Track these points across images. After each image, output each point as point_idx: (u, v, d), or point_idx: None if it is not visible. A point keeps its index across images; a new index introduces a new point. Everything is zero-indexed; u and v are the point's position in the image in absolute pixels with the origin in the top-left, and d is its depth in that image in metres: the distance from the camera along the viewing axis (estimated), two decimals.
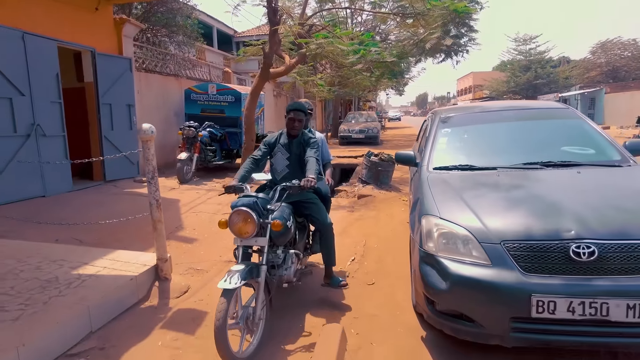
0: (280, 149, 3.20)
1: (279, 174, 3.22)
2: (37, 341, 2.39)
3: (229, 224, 2.51)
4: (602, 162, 2.95)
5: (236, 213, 2.48)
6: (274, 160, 3.23)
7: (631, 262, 2.04)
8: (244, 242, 2.56)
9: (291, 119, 3.12)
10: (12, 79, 5.31)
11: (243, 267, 2.33)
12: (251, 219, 2.47)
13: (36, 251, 3.83)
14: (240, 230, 2.50)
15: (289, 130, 3.17)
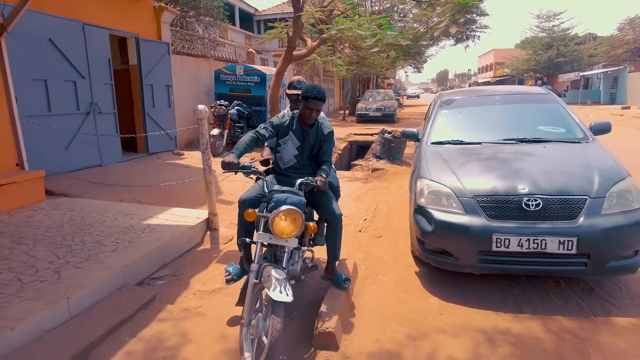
0: (292, 137, 2.86)
1: (284, 163, 2.92)
2: (132, 265, 3.30)
3: (273, 223, 2.28)
4: (566, 139, 3.64)
5: (286, 212, 2.27)
6: (281, 148, 2.89)
7: (565, 211, 2.79)
8: (273, 241, 2.35)
9: (308, 108, 2.71)
10: (76, 64, 6.19)
11: (282, 273, 2.15)
12: (300, 221, 2.29)
13: (109, 208, 4.76)
14: (283, 231, 2.28)
15: (305, 119, 2.79)
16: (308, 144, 2.89)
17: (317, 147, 2.92)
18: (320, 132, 2.90)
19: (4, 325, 2.35)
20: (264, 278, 2.12)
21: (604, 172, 3.00)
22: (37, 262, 3.23)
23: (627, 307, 2.82)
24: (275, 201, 2.35)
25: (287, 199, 2.36)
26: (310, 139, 2.89)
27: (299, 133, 2.87)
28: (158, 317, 2.85)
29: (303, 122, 2.84)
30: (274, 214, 2.27)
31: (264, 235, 2.36)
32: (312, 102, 2.69)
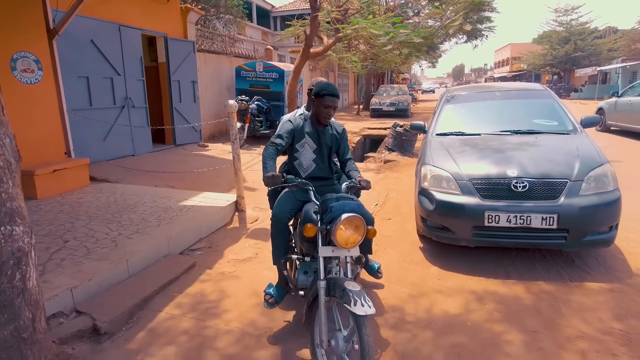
0: (308, 140, 2.69)
1: (305, 169, 2.74)
2: (174, 238, 3.85)
3: (336, 234, 2.09)
4: (557, 131, 4.06)
5: (349, 220, 2.09)
6: (299, 154, 2.70)
7: (548, 192, 3.23)
8: (336, 253, 2.17)
9: (327, 106, 2.56)
10: (113, 62, 6.79)
11: (357, 284, 2.02)
12: (363, 227, 2.14)
13: (147, 192, 5.35)
14: (348, 240, 2.12)
15: (322, 119, 2.62)
16: (325, 145, 2.73)
17: (335, 147, 2.79)
18: (334, 130, 2.79)
19: (83, 277, 2.92)
20: (338, 293, 1.97)
21: (584, 160, 3.43)
22: (95, 234, 3.82)
23: (600, 275, 3.26)
24: (334, 210, 2.15)
25: (346, 205, 2.17)
26: (327, 140, 2.74)
27: (314, 135, 2.70)
28: (199, 278, 3.40)
29: (318, 122, 2.67)
30: (337, 224, 2.08)
31: (326, 249, 2.17)
32: (329, 99, 2.55)
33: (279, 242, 2.66)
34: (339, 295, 1.98)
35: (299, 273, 2.53)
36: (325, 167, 2.80)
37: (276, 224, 2.63)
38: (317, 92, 2.59)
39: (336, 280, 2.07)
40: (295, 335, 2.60)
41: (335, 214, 2.14)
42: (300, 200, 2.63)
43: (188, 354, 2.44)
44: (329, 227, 2.15)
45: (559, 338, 2.49)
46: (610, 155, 3.81)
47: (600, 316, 2.70)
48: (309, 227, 2.15)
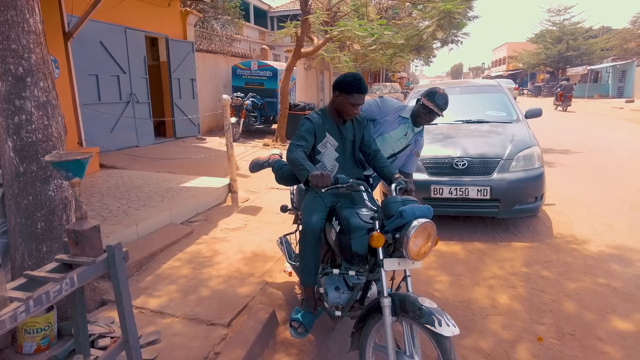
0: (329, 138, 2.40)
1: (330, 171, 2.42)
2: (176, 211, 4.56)
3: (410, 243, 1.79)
4: (502, 120, 4.77)
5: (424, 227, 1.82)
6: (321, 155, 2.42)
7: (484, 169, 3.94)
8: (402, 266, 1.93)
9: (354, 104, 2.27)
10: (119, 61, 7.48)
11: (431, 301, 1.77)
12: (435, 235, 1.89)
13: (151, 176, 6.05)
14: (420, 250, 1.85)
15: (347, 116, 2.36)
16: (348, 140, 2.44)
17: (358, 140, 2.50)
18: (355, 121, 2.48)
19: (102, 236, 3.62)
20: (412, 313, 1.73)
21: (517, 143, 4.13)
22: (109, 207, 4.53)
23: (526, 237, 3.97)
24: (406, 215, 1.85)
25: (417, 210, 1.88)
26: (349, 134, 2.45)
27: (335, 131, 2.41)
28: (196, 242, 4.11)
29: (339, 117, 2.40)
30: (411, 232, 1.79)
31: (391, 262, 1.90)
32: (358, 97, 2.25)
33: (313, 258, 2.30)
34: (415, 315, 1.71)
35: (329, 289, 2.18)
36: (351, 166, 2.48)
37: (310, 238, 2.27)
38: (345, 87, 2.27)
39: (405, 298, 1.81)
40: (272, 276, 3.30)
41: (407, 220, 1.84)
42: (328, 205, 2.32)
43: (186, 289, 3.14)
44: (397, 236, 1.87)
45: (476, 278, 3.19)
46: (571, 145, 4.50)
47: (513, 264, 3.40)
48: (377, 235, 1.84)
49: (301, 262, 2.35)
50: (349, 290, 2.16)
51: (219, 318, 2.74)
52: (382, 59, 11.12)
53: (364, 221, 2.02)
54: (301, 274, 2.38)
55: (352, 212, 2.11)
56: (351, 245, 1.99)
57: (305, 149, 2.27)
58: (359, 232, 2.00)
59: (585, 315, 2.64)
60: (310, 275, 2.31)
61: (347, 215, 2.11)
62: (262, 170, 3.15)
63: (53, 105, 2.45)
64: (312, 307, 2.37)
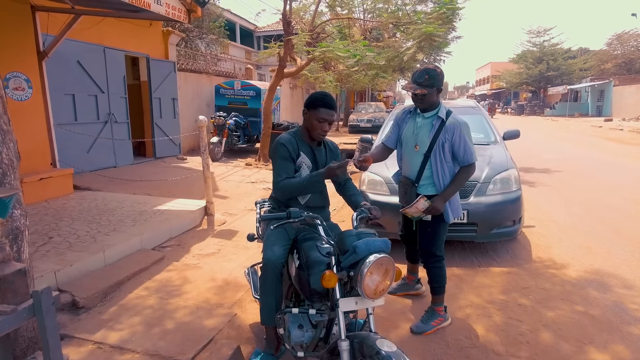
0: (305, 159, 2.31)
1: (302, 196, 2.35)
2: (147, 235, 4.40)
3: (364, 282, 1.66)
4: (480, 142, 4.75)
5: (379, 263, 1.68)
6: (298, 175, 2.31)
7: (460, 192, 3.87)
8: (360, 305, 1.78)
9: (321, 119, 2.21)
10: (97, 81, 7.37)
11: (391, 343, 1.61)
12: (393, 270, 1.73)
13: (126, 198, 5.88)
14: (377, 288, 1.71)
15: (316, 134, 2.27)
16: (321, 165, 2.35)
17: None
18: (328, 148, 2.44)
19: (65, 264, 3.45)
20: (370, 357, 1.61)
21: (494, 165, 4.11)
22: (77, 232, 4.35)
23: (505, 261, 3.91)
24: (359, 251, 1.71)
25: (372, 244, 1.73)
26: (322, 158, 2.37)
27: (309, 153, 2.34)
28: (166, 269, 3.95)
29: (310, 139, 2.33)
30: (365, 269, 1.65)
31: (348, 302, 1.76)
32: (324, 112, 2.19)
33: (273, 295, 2.17)
34: (372, 357, 1.60)
35: (291, 328, 2.00)
36: (322, 192, 2.40)
37: (271, 274, 2.14)
38: (310, 103, 2.24)
39: (364, 340, 1.67)
40: (242, 307, 3.16)
41: (361, 255, 1.71)
42: (292, 237, 2.23)
43: (150, 322, 2.98)
44: (352, 274, 1.73)
45: (452, 307, 3.10)
46: (552, 164, 4.49)
47: (491, 291, 3.32)
48: (329, 275, 1.71)
49: (261, 298, 2.22)
50: (312, 328, 2.02)
51: (181, 354, 2.58)
52: (365, 79, 11.23)
53: (324, 255, 1.90)
54: (261, 312, 2.24)
55: (313, 244, 2.01)
56: (310, 281, 1.88)
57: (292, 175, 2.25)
58: (318, 268, 1.89)
59: (563, 347, 2.56)
60: (270, 313, 2.18)
61: (307, 249, 2.03)
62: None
63: (4, 131, 2.32)
64: (274, 348, 2.24)
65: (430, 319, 2.81)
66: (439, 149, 2.68)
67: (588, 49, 39.84)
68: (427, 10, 9.89)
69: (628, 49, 33.19)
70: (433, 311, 2.85)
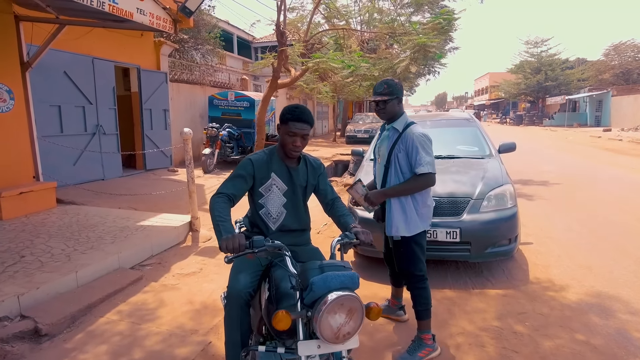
0: (276, 180, 2.10)
1: (274, 220, 2.13)
2: (125, 253, 4.19)
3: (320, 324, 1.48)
4: (474, 156, 4.57)
5: (340, 304, 1.49)
6: (265, 199, 2.11)
7: (453, 209, 3.69)
8: (323, 349, 1.57)
9: (291, 133, 2.01)
10: (85, 92, 7.22)
11: None
12: (360, 310, 1.55)
13: (110, 213, 5.68)
14: (339, 333, 1.52)
15: (288, 150, 2.06)
16: (299, 185, 2.14)
17: (311, 187, 2.22)
18: (310, 166, 2.21)
19: (32, 286, 3.24)
20: None
21: (488, 181, 3.91)
22: (52, 249, 4.14)
23: (500, 283, 3.69)
24: (316, 288, 1.52)
25: (331, 280, 1.53)
26: (300, 178, 2.15)
27: (284, 173, 2.12)
28: (143, 290, 3.73)
29: (287, 156, 2.10)
30: (321, 310, 1.47)
31: (308, 345, 1.55)
32: (294, 126, 2.00)
33: (238, 330, 1.94)
34: None
35: None
36: (299, 215, 2.18)
37: (235, 305, 1.93)
38: (281, 116, 2.06)
39: None
40: (218, 334, 2.94)
41: (319, 294, 1.52)
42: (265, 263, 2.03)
43: (117, 350, 2.76)
44: (309, 314, 1.53)
45: (442, 334, 2.88)
46: (550, 176, 4.30)
47: (484, 317, 3.11)
48: (281, 316, 1.51)
49: (225, 333, 1.99)
50: None
51: None
52: (359, 90, 11.11)
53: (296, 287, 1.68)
54: (225, 348, 2.01)
55: (286, 274, 1.78)
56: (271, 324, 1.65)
57: (232, 196, 1.99)
58: (287, 302, 1.69)
59: None
60: (235, 350, 1.95)
61: (279, 279, 1.82)
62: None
63: None
64: None
65: (417, 349, 2.61)
66: (394, 160, 2.68)
67: (585, 60, 39.94)
68: (424, 21, 9.82)
69: (625, 59, 33.26)
70: (420, 340, 2.65)
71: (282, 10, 8.99)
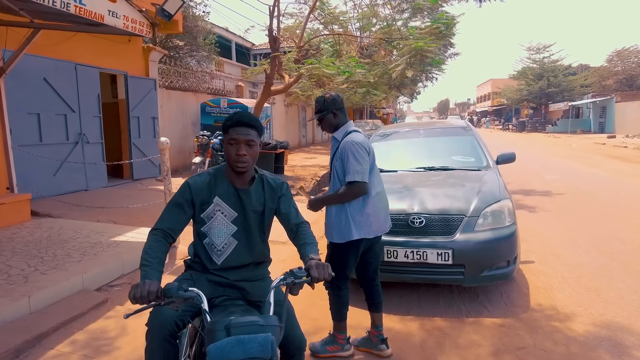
0: (221, 205, 1.78)
1: (218, 252, 1.80)
2: (91, 273, 3.86)
3: None
4: (470, 167, 4.23)
5: None
6: (208, 229, 1.79)
7: (444, 227, 3.34)
8: None
9: (232, 141, 1.70)
10: (67, 100, 6.94)
11: None
12: None
13: (85, 227, 5.36)
14: None
15: (234, 163, 1.72)
16: (251, 211, 1.81)
17: (270, 212, 1.87)
18: (268, 187, 1.86)
19: None
20: None
21: (484, 195, 3.56)
22: (10, 270, 3.82)
23: (498, 310, 3.33)
24: (210, 357, 1.27)
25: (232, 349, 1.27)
26: (253, 202, 1.82)
27: (232, 196, 1.79)
28: (106, 315, 3.40)
29: (235, 173, 1.77)
30: None
31: None
32: (235, 131, 1.69)
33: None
34: None
35: None
36: (254, 246, 1.84)
37: (155, 340, 1.63)
38: (223, 125, 1.76)
39: None
40: None
41: None
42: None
43: None
44: None
45: None
46: (554, 186, 3.95)
47: (479, 352, 2.75)
48: None
49: None
50: None
51: None
52: (355, 97, 10.82)
53: None
54: None
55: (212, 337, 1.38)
56: None
57: (169, 230, 1.73)
58: None
59: None
60: None
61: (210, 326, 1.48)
62: None
63: None
64: None
65: (329, 343, 2.78)
66: (333, 168, 2.71)
67: (588, 66, 39.60)
68: (422, 26, 9.54)
69: (629, 65, 32.87)
70: (333, 337, 2.78)
71: (274, 16, 8.74)
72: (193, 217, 1.82)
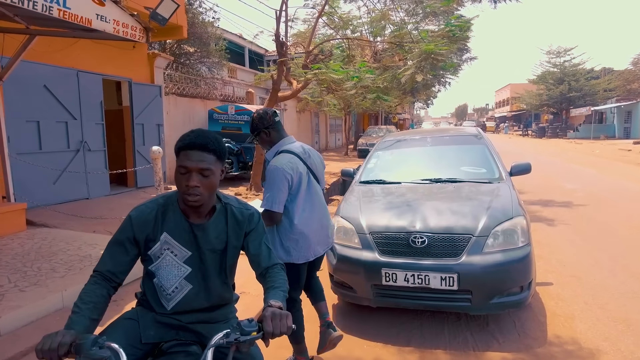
0: (171, 244, 1.50)
1: (168, 297, 1.52)
2: (72, 290, 3.63)
3: None
4: (480, 180, 3.87)
5: None
6: (157, 269, 1.51)
7: (449, 248, 3.00)
8: None
9: (182, 170, 1.42)
10: (68, 107, 6.84)
11: None
12: None
13: (79, 238, 5.18)
14: None
15: (184, 196, 1.43)
16: (208, 250, 1.52)
17: (234, 250, 1.58)
18: (232, 219, 1.56)
19: None
20: None
21: (494, 212, 3.20)
22: None
23: (510, 342, 2.96)
24: None
25: None
26: (211, 240, 1.52)
27: (185, 232, 1.50)
28: None
29: (188, 207, 1.48)
30: None
31: None
32: (188, 156, 1.41)
33: None
34: None
35: None
36: (213, 290, 1.55)
37: None
38: (175, 147, 1.47)
39: None
40: None
41: None
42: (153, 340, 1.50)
43: None
44: None
45: None
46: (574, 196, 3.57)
47: None
48: None
49: None
50: None
51: None
52: (365, 102, 10.50)
53: None
54: None
55: None
56: None
57: (109, 274, 1.46)
58: None
59: None
60: None
61: None
62: None
63: None
64: None
65: None
66: None
67: (612, 69, 38.28)
68: (435, 29, 9.20)
69: None
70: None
71: (281, 21, 8.53)
72: (140, 255, 1.54)
